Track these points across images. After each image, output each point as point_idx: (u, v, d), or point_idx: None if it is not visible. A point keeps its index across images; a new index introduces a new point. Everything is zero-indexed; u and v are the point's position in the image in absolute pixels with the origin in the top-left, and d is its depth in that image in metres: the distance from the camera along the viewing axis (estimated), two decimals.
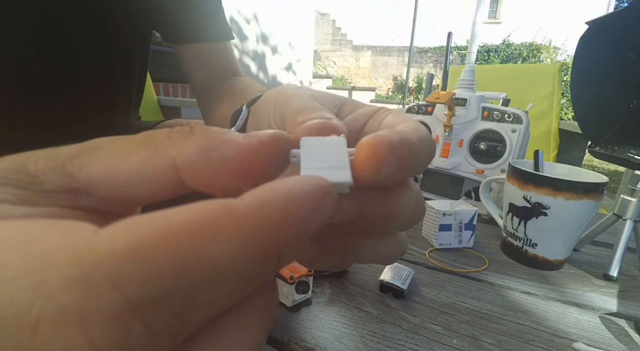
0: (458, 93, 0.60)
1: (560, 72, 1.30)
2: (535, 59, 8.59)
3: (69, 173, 0.10)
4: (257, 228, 0.08)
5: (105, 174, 0.10)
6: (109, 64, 0.44)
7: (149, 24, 0.48)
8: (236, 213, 0.08)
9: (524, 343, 0.30)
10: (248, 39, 3.93)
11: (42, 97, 0.40)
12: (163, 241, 0.07)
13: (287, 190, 0.09)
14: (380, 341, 0.29)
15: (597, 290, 0.39)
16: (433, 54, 10.16)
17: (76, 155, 0.10)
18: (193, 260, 0.07)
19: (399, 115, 0.16)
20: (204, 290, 0.07)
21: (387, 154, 0.11)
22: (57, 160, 0.10)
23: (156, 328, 0.07)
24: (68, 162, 0.10)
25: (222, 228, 0.07)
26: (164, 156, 0.10)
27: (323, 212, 0.10)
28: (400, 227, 0.14)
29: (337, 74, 9.86)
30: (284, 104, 0.17)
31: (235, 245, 0.08)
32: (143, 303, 0.06)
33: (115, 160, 0.10)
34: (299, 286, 0.32)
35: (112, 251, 0.07)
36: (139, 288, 0.06)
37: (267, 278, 0.09)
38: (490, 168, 0.57)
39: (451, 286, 0.38)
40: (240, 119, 0.24)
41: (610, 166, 3.90)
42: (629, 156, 0.44)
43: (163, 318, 0.07)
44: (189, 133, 0.10)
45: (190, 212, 0.08)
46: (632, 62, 0.45)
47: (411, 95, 6.71)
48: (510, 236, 0.45)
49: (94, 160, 0.10)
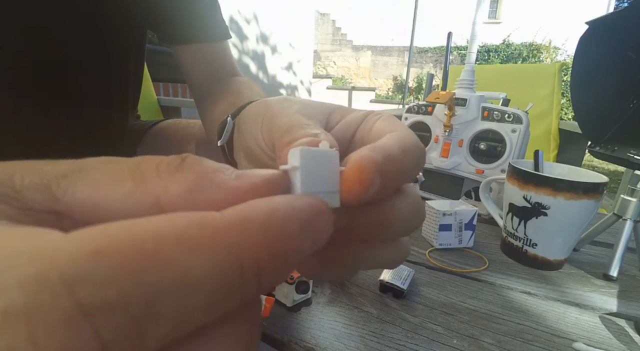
0: (458, 93, 0.60)
1: (560, 72, 1.30)
2: (535, 59, 8.59)
3: (54, 195, 0.10)
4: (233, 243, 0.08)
5: (89, 202, 0.10)
6: (103, 62, 0.44)
7: (144, 24, 0.48)
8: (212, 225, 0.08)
9: (524, 343, 0.30)
10: (248, 38, 3.93)
11: (35, 96, 0.39)
12: (127, 245, 0.07)
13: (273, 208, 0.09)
14: (380, 341, 0.29)
15: (597, 290, 0.39)
16: (433, 54, 10.16)
17: (63, 175, 0.10)
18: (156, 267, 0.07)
19: (388, 120, 0.16)
20: (167, 300, 0.07)
21: (372, 176, 0.11)
22: (44, 178, 0.10)
23: (107, 337, 0.06)
24: (54, 181, 0.10)
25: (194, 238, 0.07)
26: (150, 191, 0.10)
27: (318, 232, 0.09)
28: (400, 233, 0.14)
29: (337, 74, 9.86)
30: (271, 122, 0.17)
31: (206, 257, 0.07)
32: (95, 308, 0.06)
33: (101, 188, 0.10)
34: (299, 286, 0.32)
35: (74, 251, 0.06)
36: (93, 292, 0.06)
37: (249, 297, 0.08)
38: (490, 168, 0.57)
39: (451, 286, 0.38)
40: (226, 131, 0.24)
41: (610, 166, 3.90)
42: (629, 156, 0.44)
43: (117, 326, 0.06)
44: (177, 168, 0.10)
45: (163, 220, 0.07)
46: (632, 62, 0.45)
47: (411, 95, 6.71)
48: (510, 236, 0.45)
49: (80, 184, 0.10)
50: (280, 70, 4.64)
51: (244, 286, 0.08)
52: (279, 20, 4.34)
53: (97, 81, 0.45)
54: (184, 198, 0.09)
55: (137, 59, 0.50)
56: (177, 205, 0.09)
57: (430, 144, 0.64)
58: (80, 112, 0.44)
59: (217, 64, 0.47)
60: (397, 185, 0.13)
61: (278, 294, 0.33)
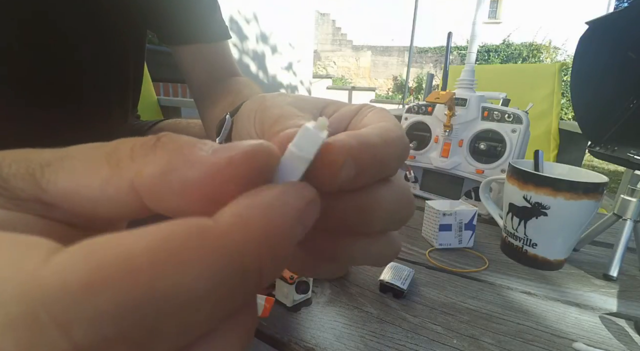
0: (458, 94, 0.60)
1: (560, 72, 1.30)
2: (535, 59, 8.60)
3: (39, 185, 0.09)
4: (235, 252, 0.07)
5: (71, 190, 0.09)
6: (103, 62, 0.44)
7: (144, 24, 0.48)
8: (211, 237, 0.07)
9: (524, 343, 0.30)
10: (248, 38, 3.93)
11: (35, 96, 0.39)
12: (120, 273, 0.06)
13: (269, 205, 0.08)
14: (380, 341, 0.29)
15: (597, 290, 0.39)
16: (433, 54, 10.16)
17: (47, 164, 0.10)
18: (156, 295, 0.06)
19: (379, 113, 0.16)
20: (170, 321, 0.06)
21: (342, 160, 0.11)
22: (29, 166, 0.10)
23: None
24: (38, 169, 0.09)
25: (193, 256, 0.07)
26: (125, 176, 0.09)
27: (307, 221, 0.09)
28: (386, 224, 0.13)
29: (337, 74, 9.86)
30: (263, 114, 0.17)
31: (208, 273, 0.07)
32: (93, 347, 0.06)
33: (80, 176, 0.09)
34: (299, 286, 0.32)
35: (62, 286, 0.06)
36: (89, 330, 0.06)
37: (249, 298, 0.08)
38: (490, 168, 0.57)
39: (451, 286, 0.38)
40: (224, 129, 0.24)
41: (610, 166, 3.90)
42: (629, 156, 0.44)
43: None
44: (152, 148, 0.09)
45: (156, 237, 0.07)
46: (632, 62, 0.44)
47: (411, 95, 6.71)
48: (510, 236, 0.45)
49: (62, 172, 0.09)
50: (280, 70, 4.65)
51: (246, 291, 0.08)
52: (279, 20, 4.34)
53: (97, 81, 0.45)
54: (158, 180, 0.09)
55: (137, 59, 0.50)
56: (151, 188, 0.09)
57: (430, 144, 0.64)
58: (79, 112, 0.44)
59: (217, 64, 0.47)
60: (377, 175, 0.12)
61: (278, 294, 0.33)
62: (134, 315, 0.06)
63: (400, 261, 0.42)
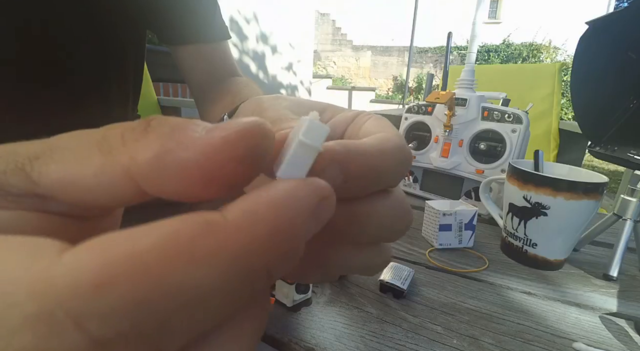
0: (458, 93, 0.60)
1: (560, 72, 1.30)
2: (535, 59, 8.60)
3: (30, 179, 0.09)
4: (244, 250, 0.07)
5: (65, 181, 0.09)
6: (103, 62, 0.44)
7: (144, 24, 0.48)
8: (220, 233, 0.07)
9: (524, 343, 0.30)
10: (248, 39, 3.93)
11: (34, 96, 0.39)
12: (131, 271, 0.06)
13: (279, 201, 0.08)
14: (380, 341, 0.29)
15: (597, 290, 0.39)
16: (433, 54, 10.16)
17: (36, 156, 0.09)
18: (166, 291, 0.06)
19: (377, 121, 0.15)
20: (180, 317, 0.07)
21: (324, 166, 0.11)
22: (17, 161, 0.09)
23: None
24: (27, 163, 0.09)
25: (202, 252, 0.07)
26: (119, 162, 0.09)
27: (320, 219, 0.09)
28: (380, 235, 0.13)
29: (337, 74, 9.86)
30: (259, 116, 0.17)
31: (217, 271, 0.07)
32: (110, 340, 0.06)
33: (72, 166, 0.09)
34: (299, 286, 0.32)
35: (75, 284, 0.06)
36: (104, 324, 0.06)
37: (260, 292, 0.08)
38: (490, 168, 0.57)
39: (451, 286, 0.38)
40: None
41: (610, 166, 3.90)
42: (629, 156, 0.44)
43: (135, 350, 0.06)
44: (143, 132, 0.09)
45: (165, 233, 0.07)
46: (632, 62, 0.44)
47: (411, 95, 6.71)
48: (510, 236, 0.45)
49: (52, 164, 0.09)
50: (280, 70, 4.65)
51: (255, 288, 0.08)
52: (279, 20, 4.34)
53: (97, 81, 0.45)
54: (153, 165, 0.08)
55: (137, 59, 0.50)
56: (148, 173, 0.09)
57: (430, 144, 0.64)
58: (79, 112, 0.44)
59: (216, 64, 0.47)
60: (374, 185, 0.12)
61: (278, 294, 0.33)
62: (144, 310, 0.06)
63: (400, 261, 0.42)
